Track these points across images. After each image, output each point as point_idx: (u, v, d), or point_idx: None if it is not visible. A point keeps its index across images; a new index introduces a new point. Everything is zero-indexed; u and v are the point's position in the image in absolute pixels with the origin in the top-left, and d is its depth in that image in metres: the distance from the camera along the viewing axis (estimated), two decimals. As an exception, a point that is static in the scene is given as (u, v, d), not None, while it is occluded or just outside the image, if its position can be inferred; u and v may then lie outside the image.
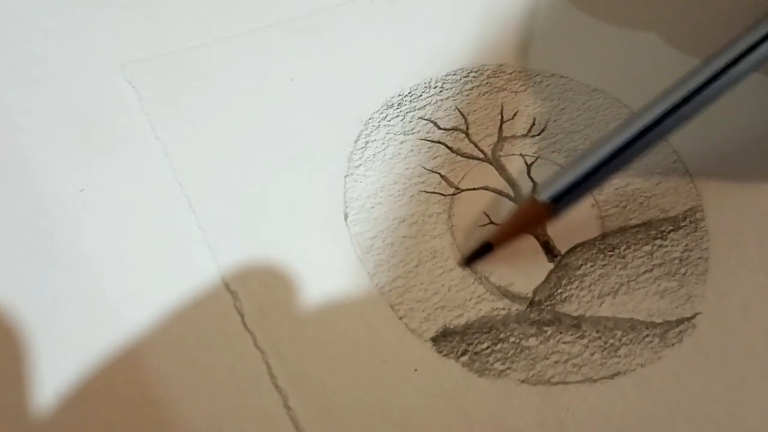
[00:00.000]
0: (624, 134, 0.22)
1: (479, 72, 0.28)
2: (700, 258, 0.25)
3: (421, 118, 0.27)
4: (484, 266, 0.24)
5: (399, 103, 0.27)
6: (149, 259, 0.23)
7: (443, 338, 0.22)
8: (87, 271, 0.22)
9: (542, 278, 0.24)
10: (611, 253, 0.24)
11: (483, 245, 0.23)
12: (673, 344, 0.23)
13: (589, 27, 0.30)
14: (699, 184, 0.26)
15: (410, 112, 0.27)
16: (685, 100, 0.22)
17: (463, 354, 0.22)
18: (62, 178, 0.24)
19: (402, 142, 0.26)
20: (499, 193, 0.25)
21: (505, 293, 0.23)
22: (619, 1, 0.32)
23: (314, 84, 0.27)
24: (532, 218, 0.22)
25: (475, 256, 0.23)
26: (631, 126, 0.22)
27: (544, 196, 0.22)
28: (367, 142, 0.26)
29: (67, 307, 0.22)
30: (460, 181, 0.25)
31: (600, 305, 0.23)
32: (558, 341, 0.23)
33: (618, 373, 0.22)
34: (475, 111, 0.27)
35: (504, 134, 0.27)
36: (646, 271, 0.24)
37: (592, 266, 0.24)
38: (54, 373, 0.21)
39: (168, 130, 0.25)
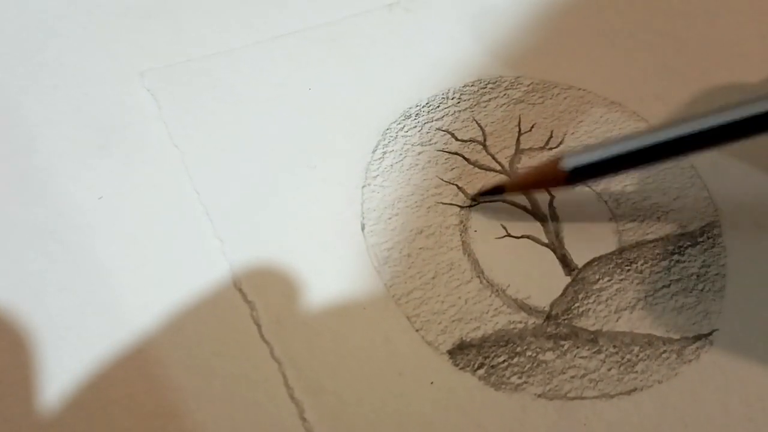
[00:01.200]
0: (664, 133, 0.21)
1: (497, 83, 0.28)
2: (717, 274, 0.24)
3: (438, 129, 0.27)
4: (501, 278, 0.24)
5: (416, 114, 0.27)
6: (165, 268, 0.23)
7: (460, 351, 0.22)
8: (104, 278, 0.22)
9: (559, 292, 0.24)
10: (628, 267, 0.24)
11: (496, 187, 0.25)
12: (690, 361, 0.23)
13: (608, 39, 0.30)
14: (717, 200, 0.26)
15: (428, 123, 0.27)
16: (742, 121, 0.21)
17: (479, 367, 0.22)
18: (80, 185, 0.24)
19: (419, 153, 0.26)
20: (516, 205, 0.25)
21: (522, 306, 0.23)
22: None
23: (332, 93, 0.27)
24: (549, 179, 0.23)
25: (486, 194, 0.25)
26: (674, 127, 0.22)
27: (568, 164, 0.22)
28: (384, 153, 0.26)
29: (84, 315, 0.22)
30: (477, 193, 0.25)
31: (617, 320, 0.23)
32: (575, 356, 0.22)
33: (635, 389, 0.22)
34: (492, 123, 0.27)
35: (521, 146, 0.27)
36: (663, 287, 0.24)
37: (609, 280, 0.24)
38: (70, 381, 0.21)
39: (186, 138, 0.25)
